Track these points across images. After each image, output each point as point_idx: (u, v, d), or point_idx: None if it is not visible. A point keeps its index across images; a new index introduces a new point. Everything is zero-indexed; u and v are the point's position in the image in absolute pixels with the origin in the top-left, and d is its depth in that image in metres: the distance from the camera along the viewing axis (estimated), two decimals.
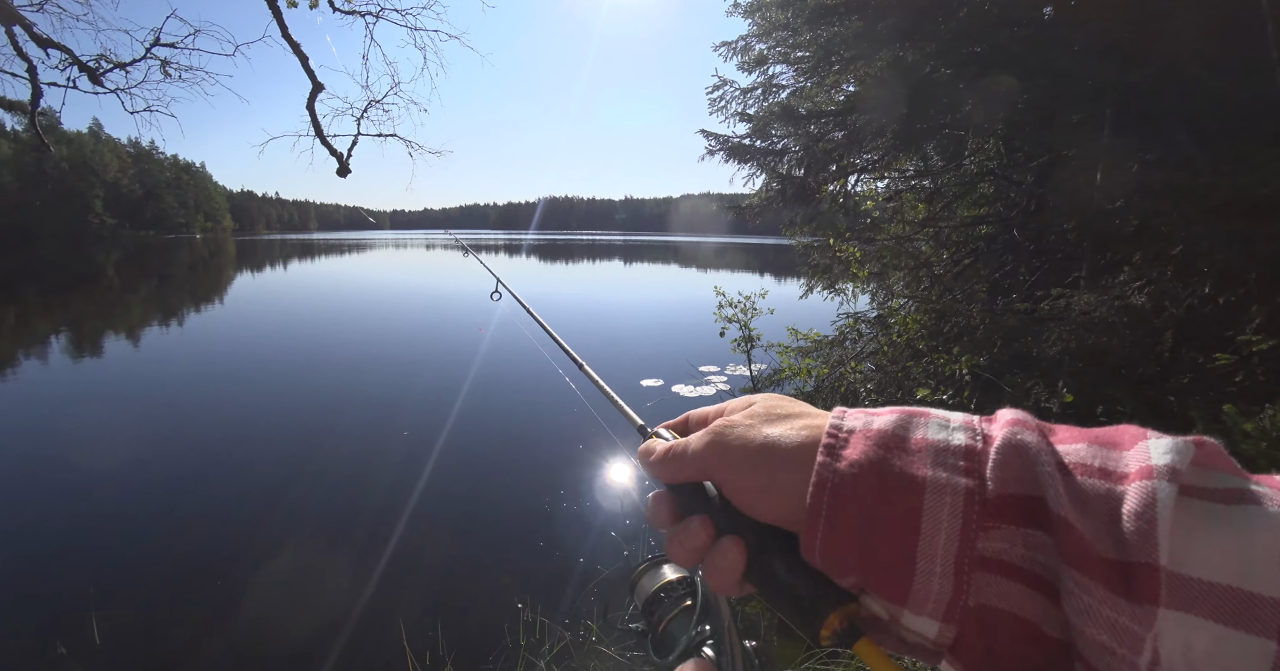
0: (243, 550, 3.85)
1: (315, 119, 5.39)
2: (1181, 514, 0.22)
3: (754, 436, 0.31)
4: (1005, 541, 0.24)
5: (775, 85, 6.82)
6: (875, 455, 0.27)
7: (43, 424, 6.37)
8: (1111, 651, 0.22)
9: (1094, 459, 0.25)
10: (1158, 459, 0.23)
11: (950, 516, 0.25)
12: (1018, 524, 0.24)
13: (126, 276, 27.29)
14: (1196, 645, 0.21)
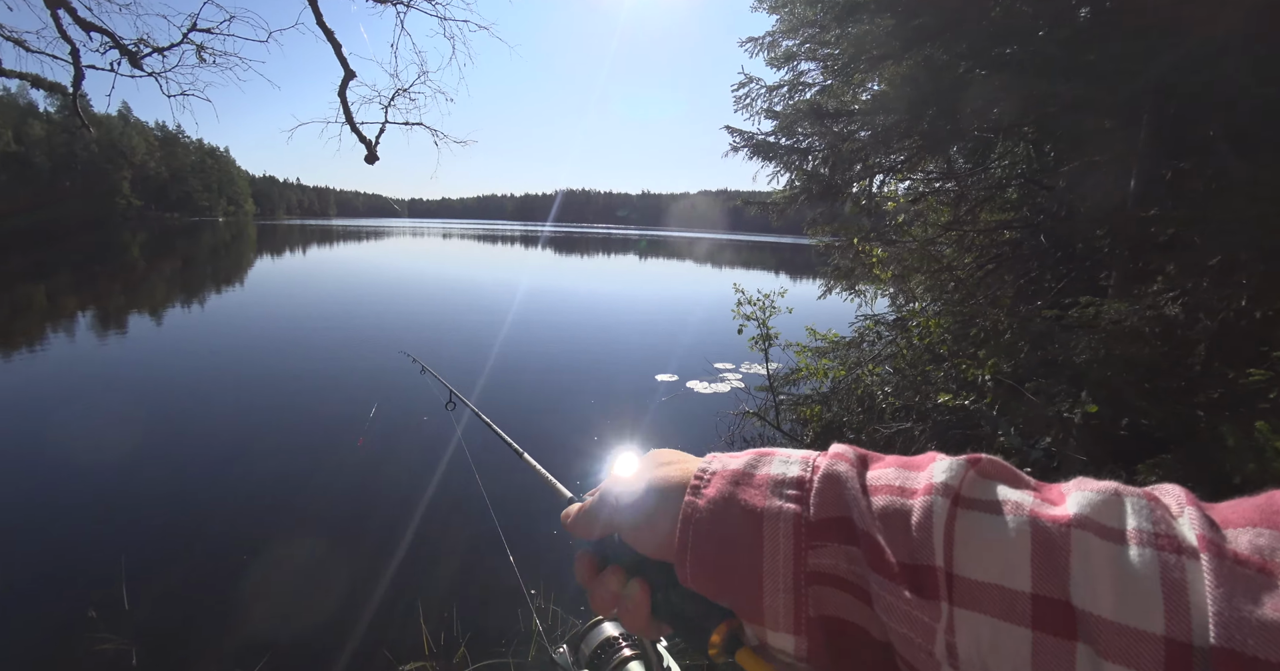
0: (266, 527, 3.94)
1: (346, 106, 5.46)
2: (955, 523, 0.25)
3: (638, 485, 0.35)
4: (830, 557, 0.28)
5: (802, 83, 6.77)
6: (727, 491, 0.31)
7: (70, 400, 6.54)
8: (911, 642, 0.25)
9: (896, 480, 0.29)
10: (937, 477, 0.27)
11: (784, 538, 0.29)
12: (837, 541, 0.28)
13: (152, 258, 27.82)
14: (983, 637, 0.24)
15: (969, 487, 0.27)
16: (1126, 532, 0.23)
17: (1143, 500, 0.24)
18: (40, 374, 7.47)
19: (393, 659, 2.75)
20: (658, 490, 0.34)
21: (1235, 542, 0.22)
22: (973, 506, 0.26)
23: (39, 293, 15.15)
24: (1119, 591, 0.21)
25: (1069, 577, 0.22)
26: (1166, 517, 0.23)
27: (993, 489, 0.27)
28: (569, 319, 13.49)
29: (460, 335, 10.81)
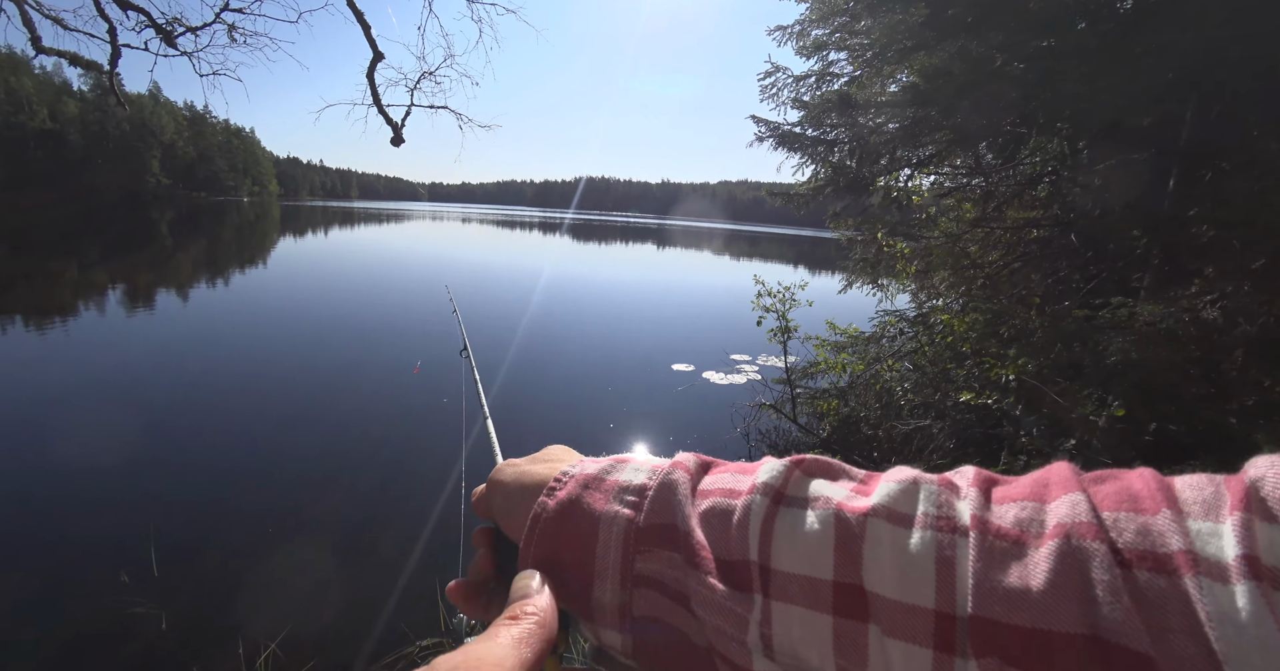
0: (294, 500, 4.05)
1: (374, 88, 5.48)
2: (775, 520, 0.27)
3: (512, 477, 0.37)
4: (655, 562, 0.29)
5: (830, 74, 6.66)
6: (576, 494, 0.33)
7: (104, 373, 6.74)
8: (724, 633, 0.26)
9: (727, 483, 0.31)
10: (761, 477, 0.29)
11: (616, 542, 0.30)
12: (662, 547, 0.29)
13: (179, 235, 28.37)
14: (794, 626, 0.25)
15: (792, 486, 0.29)
16: (914, 517, 0.24)
17: (934, 486, 0.26)
18: (74, 347, 7.70)
19: (410, 634, 2.82)
20: (523, 486, 0.36)
21: (1002, 518, 0.23)
22: (792, 503, 0.28)
23: (71, 268, 15.56)
24: (900, 572, 0.23)
25: (862, 563, 0.24)
26: (951, 500, 0.25)
27: (811, 485, 0.29)
28: (585, 306, 13.54)
29: (481, 317, 10.90)
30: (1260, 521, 0.19)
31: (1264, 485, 0.20)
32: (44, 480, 4.14)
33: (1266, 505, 0.20)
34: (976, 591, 0.21)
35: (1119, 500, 0.22)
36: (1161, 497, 0.22)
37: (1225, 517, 0.20)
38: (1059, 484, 0.24)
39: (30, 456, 4.50)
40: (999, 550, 0.22)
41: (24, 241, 22.10)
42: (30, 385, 6.07)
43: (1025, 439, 2.52)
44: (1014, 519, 0.23)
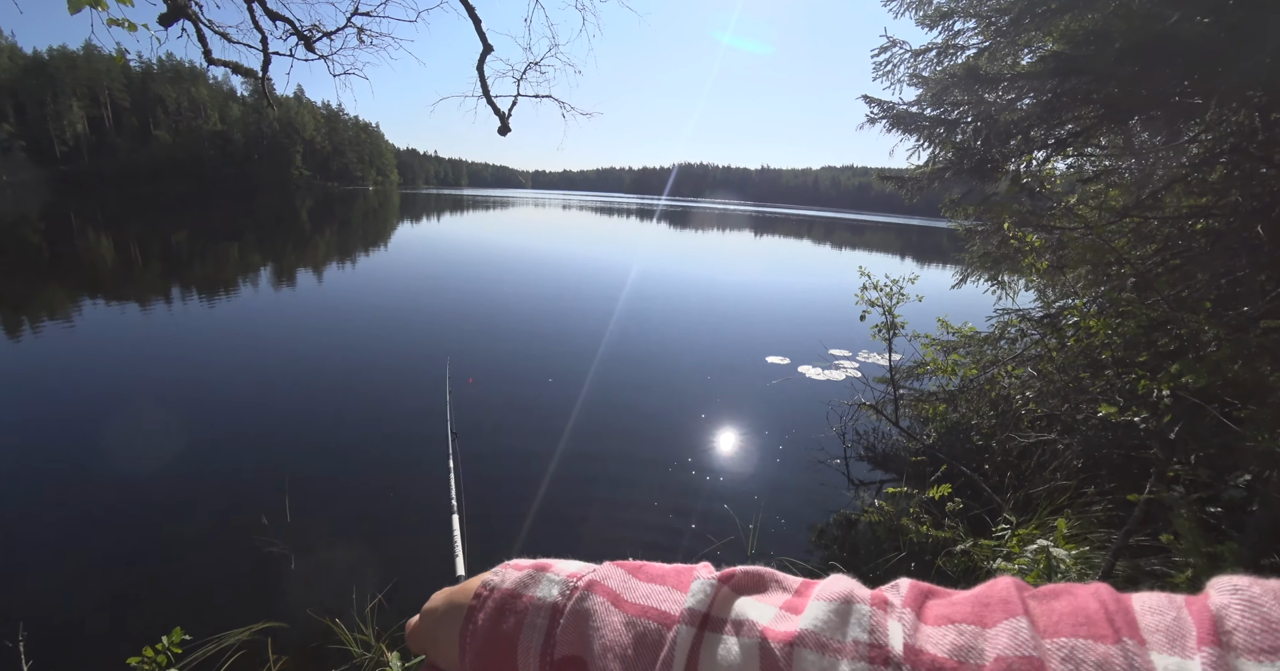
0: (416, 466, 4.42)
1: (484, 80, 5.73)
2: (698, 650, 0.26)
3: (443, 598, 0.36)
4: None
5: (954, 46, 6.08)
6: (494, 620, 0.32)
7: (251, 338, 7.69)
8: None
9: (658, 600, 0.29)
10: (688, 601, 0.28)
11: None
12: None
13: (316, 221, 31.68)
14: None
15: (718, 607, 0.27)
16: (844, 646, 0.23)
17: (866, 607, 0.25)
18: (231, 316, 8.87)
19: None
20: (452, 605, 0.35)
21: (938, 646, 0.22)
22: (718, 627, 0.26)
23: (234, 250, 17.90)
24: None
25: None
26: (883, 624, 0.24)
27: (737, 606, 0.27)
28: (679, 292, 13.49)
29: (579, 301, 11.23)
30: (1232, 657, 0.18)
31: (1230, 616, 0.19)
32: (210, 427, 4.81)
33: (1234, 638, 0.18)
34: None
35: (1074, 624, 0.21)
36: (1121, 622, 0.20)
37: (1193, 652, 0.19)
38: (1000, 605, 0.23)
39: (202, 407, 5.24)
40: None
41: (201, 227, 25.69)
42: (202, 349, 7.07)
43: (1181, 467, 2.17)
44: (950, 646, 0.22)
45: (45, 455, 4.30)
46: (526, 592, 0.32)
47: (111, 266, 13.68)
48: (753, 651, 0.25)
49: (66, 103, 61.71)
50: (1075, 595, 0.22)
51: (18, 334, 7.37)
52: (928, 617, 0.24)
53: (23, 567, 3.08)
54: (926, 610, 0.24)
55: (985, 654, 0.21)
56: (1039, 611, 0.22)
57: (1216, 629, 0.19)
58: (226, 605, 2.87)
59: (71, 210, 30.34)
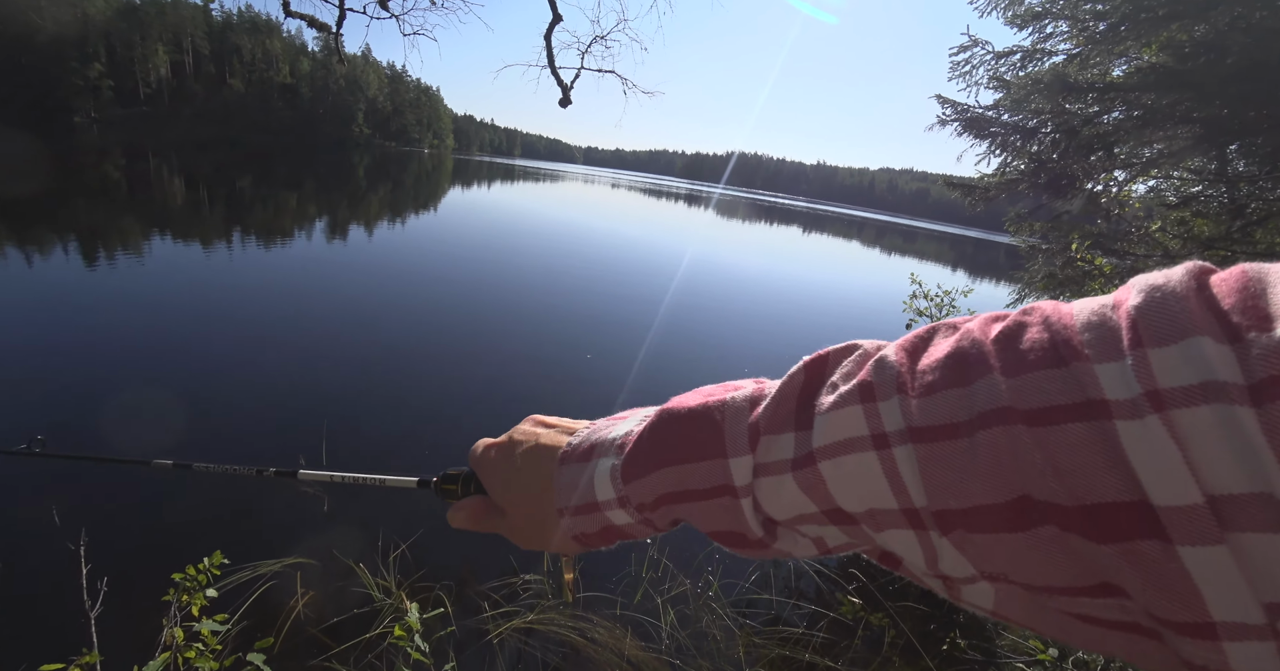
0: (444, 420, 4.54)
1: (550, 49, 5.71)
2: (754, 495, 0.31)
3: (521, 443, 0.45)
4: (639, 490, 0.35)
5: (1041, 50, 5.75)
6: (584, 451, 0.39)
7: (302, 287, 7.98)
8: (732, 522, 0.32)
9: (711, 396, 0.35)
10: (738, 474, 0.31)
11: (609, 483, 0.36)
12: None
13: (371, 179, 32.44)
14: (816, 534, 0.31)
15: (762, 453, 0.31)
16: (854, 441, 0.27)
17: (858, 408, 0.27)
18: (286, 263, 9.21)
19: (518, 566, 3.06)
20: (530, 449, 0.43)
21: (931, 416, 0.25)
22: (765, 471, 0.30)
23: (292, 199, 18.51)
24: (860, 495, 0.27)
25: (834, 498, 0.28)
26: (876, 414, 0.27)
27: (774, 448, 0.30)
28: (727, 281, 13.36)
29: (625, 288, 11.25)
30: (1149, 349, 0.20)
31: (1144, 314, 0.21)
32: (255, 367, 5.04)
33: (1153, 331, 0.20)
34: (929, 492, 0.25)
35: (1041, 358, 0.23)
36: (1071, 345, 0.22)
37: (1125, 354, 0.21)
38: (977, 363, 0.25)
39: (252, 347, 5.49)
40: (937, 453, 0.25)
41: (265, 175, 26.63)
42: (257, 294, 7.38)
43: None
44: (944, 416, 0.25)
45: (108, 379, 4.58)
46: (597, 436, 0.39)
47: (181, 205, 14.34)
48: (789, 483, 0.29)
49: (153, 47, 64.36)
50: (1029, 327, 0.24)
51: (93, 261, 7.82)
52: (917, 384, 0.26)
53: (85, 484, 3.31)
54: (916, 372, 0.27)
55: (974, 409, 0.24)
56: (1002, 360, 0.24)
57: (1137, 326, 0.21)
58: (262, 537, 3.02)
59: (149, 149, 31.84)
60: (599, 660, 2.55)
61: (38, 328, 5.36)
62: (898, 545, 0.28)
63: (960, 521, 0.24)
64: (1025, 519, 0.22)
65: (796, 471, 0.29)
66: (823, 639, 2.86)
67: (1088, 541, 0.21)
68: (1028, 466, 0.22)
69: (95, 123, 54.18)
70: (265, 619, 2.52)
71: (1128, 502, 0.20)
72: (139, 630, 1.98)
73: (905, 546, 0.27)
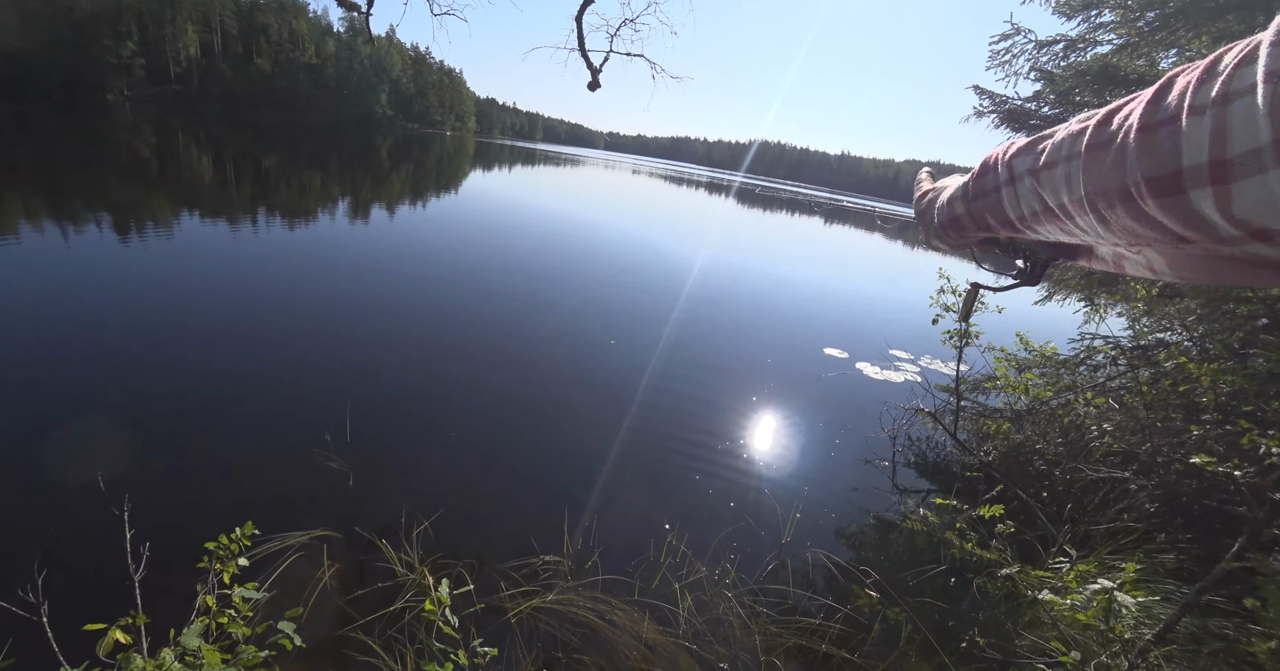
0: (474, 400, 4.60)
1: (580, 32, 5.65)
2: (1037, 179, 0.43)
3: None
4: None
5: (1087, 40, 5.55)
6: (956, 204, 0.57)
7: (325, 267, 8.07)
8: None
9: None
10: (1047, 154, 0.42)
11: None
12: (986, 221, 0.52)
13: (394, 160, 32.58)
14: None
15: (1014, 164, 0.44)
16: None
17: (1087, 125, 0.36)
18: (310, 242, 9.32)
19: (538, 547, 3.10)
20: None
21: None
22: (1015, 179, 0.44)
23: (316, 179, 18.68)
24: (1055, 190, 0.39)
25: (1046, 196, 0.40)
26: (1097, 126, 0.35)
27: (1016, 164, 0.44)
28: (748, 271, 13.25)
29: (646, 272, 11.22)
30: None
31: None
32: (279, 346, 5.13)
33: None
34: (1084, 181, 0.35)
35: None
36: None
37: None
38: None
39: (278, 324, 5.58)
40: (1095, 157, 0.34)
41: (291, 155, 26.89)
42: (281, 272, 7.49)
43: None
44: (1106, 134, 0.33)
45: (138, 359, 4.69)
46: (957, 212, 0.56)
47: (209, 183, 14.56)
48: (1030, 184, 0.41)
49: (183, 26, 64.97)
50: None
51: (126, 236, 7.99)
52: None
53: (130, 453, 3.41)
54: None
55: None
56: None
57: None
58: (291, 510, 3.10)
59: (179, 127, 32.31)
60: (616, 641, 2.58)
61: (73, 304, 5.51)
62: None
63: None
64: None
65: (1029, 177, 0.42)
66: (839, 631, 2.87)
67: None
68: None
69: (128, 101, 55.03)
70: (294, 588, 2.59)
71: None
72: (176, 595, 2.05)
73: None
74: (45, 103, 37.78)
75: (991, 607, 3.01)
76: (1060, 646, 2.40)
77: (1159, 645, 2.16)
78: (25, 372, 4.10)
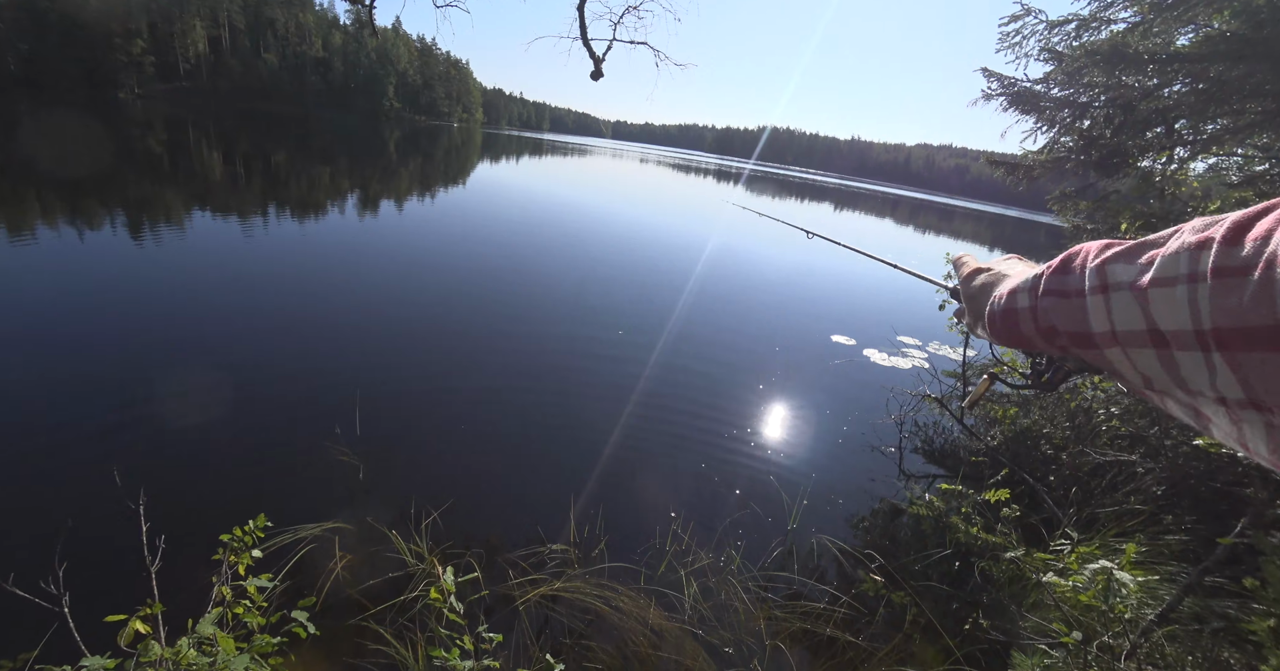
0: (483, 395, 4.65)
1: (583, 20, 5.61)
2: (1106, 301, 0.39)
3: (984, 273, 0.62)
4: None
5: (1099, 19, 5.41)
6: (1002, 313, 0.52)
7: (337, 261, 8.16)
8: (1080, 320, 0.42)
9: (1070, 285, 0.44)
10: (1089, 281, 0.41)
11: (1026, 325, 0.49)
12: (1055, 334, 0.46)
13: (402, 153, 32.65)
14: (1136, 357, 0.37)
15: (1110, 276, 0.38)
16: (1175, 278, 0.32)
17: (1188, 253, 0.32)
18: (321, 237, 9.41)
19: (545, 536, 3.15)
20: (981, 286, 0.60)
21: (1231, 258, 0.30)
22: (1115, 288, 0.38)
23: (326, 173, 18.80)
24: (1174, 315, 0.32)
25: (1155, 318, 0.34)
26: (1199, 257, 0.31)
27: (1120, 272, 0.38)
28: (757, 258, 13.19)
29: (653, 261, 11.21)
30: None
31: None
32: (289, 340, 5.22)
33: None
34: (1215, 311, 0.30)
35: None
36: None
37: None
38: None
39: (289, 319, 5.67)
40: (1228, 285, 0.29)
41: (303, 151, 27.03)
42: (294, 266, 7.58)
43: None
44: (1241, 259, 0.29)
45: (157, 355, 4.80)
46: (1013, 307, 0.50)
47: (220, 179, 14.71)
48: (1129, 299, 0.36)
49: (191, 22, 65.25)
50: None
51: (139, 234, 8.12)
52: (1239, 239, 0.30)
53: (146, 447, 3.51)
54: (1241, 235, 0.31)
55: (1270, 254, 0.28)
56: None
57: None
58: (303, 503, 3.18)
59: (190, 124, 32.59)
60: (623, 627, 2.63)
61: (86, 299, 5.63)
62: (1188, 366, 0.33)
63: (1232, 340, 0.29)
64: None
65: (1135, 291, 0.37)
66: (844, 615, 2.90)
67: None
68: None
69: (139, 98, 55.57)
70: (307, 579, 2.67)
71: None
72: (192, 586, 2.12)
73: (1192, 366, 0.32)
74: (58, 102, 38.26)
75: (995, 590, 3.02)
76: (1062, 627, 2.41)
77: (1162, 624, 2.16)
78: (40, 367, 4.21)
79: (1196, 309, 0.30)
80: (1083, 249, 0.44)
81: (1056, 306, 0.44)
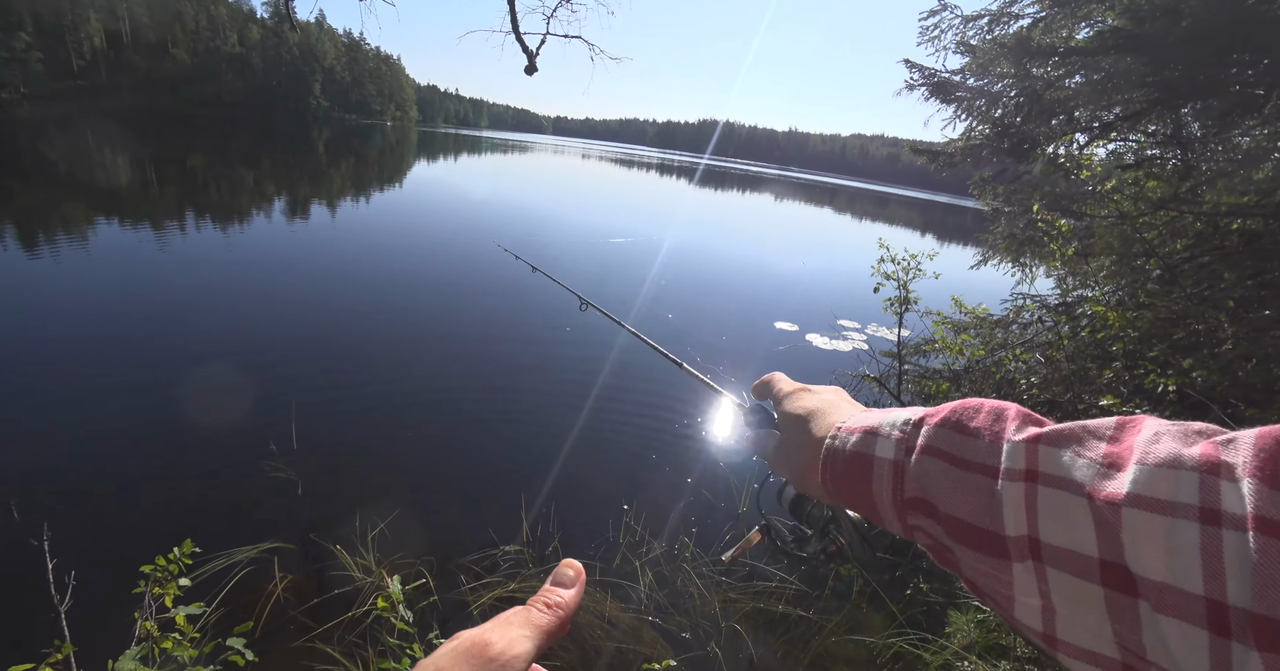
0: (418, 400, 4.51)
1: (514, 13, 5.50)
2: (1037, 498, 0.29)
3: (795, 434, 0.49)
4: (919, 522, 0.35)
5: (1008, 14, 5.75)
6: (846, 464, 0.40)
7: (260, 269, 7.73)
8: (992, 582, 0.31)
9: (977, 455, 0.33)
10: (1004, 462, 0.31)
11: (886, 508, 0.38)
12: (924, 514, 0.35)
13: (333, 154, 31.20)
14: (1066, 589, 0.27)
15: (1043, 463, 0.30)
16: (1174, 506, 0.24)
17: (1194, 475, 0.24)
18: (243, 245, 8.89)
19: (497, 539, 3.11)
20: (804, 444, 0.46)
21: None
22: (1049, 483, 0.29)
23: (249, 177, 17.73)
24: (1166, 559, 0.24)
25: (1123, 549, 0.25)
26: (1215, 488, 0.24)
27: (1062, 462, 0.29)
28: (699, 250, 13.34)
29: (596, 256, 11.15)
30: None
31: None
32: (217, 354, 4.91)
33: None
34: (1257, 588, 0.21)
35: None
36: None
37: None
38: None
39: (211, 333, 5.33)
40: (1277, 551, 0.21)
41: (222, 153, 25.39)
42: (212, 278, 7.13)
43: None
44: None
45: (58, 376, 4.42)
46: (866, 452, 0.39)
47: (126, 186, 13.63)
48: (1084, 507, 0.27)
49: (84, 15, 59.97)
50: None
51: (34, 249, 7.44)
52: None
53: (46, 478, 3.23)
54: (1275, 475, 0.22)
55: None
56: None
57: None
58: (236, 524, 3.01)
59: (89, 127, 30.00)
60: (580, 622, 2.63)
61: None
62: (1175, 640, 0.23)
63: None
64: None
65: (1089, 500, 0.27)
66: (795, 590, 3.00)
67: None
68: None
69: (25, 98, 50.69)
70: (244, 604, 2.53)
71: None
72: (112, 623, 1.98)
73: (1185, 645, 0.23)
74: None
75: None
76: None
77: None
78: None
79: (1219, 569, 0.22)
80: (985, 405, 0.35)
81: (943, 476, 0.33)
